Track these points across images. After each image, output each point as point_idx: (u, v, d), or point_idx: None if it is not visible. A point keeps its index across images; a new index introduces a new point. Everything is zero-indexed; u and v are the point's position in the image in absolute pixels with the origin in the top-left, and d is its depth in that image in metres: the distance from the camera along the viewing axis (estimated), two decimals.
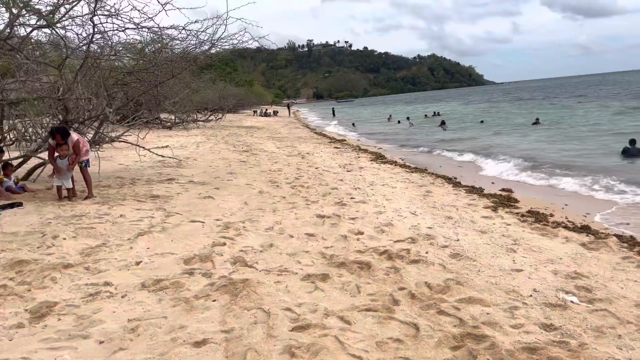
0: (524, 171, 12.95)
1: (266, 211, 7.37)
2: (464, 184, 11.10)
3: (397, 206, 8.17)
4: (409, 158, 17.35)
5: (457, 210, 8.11)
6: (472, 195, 9.75)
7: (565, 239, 6.45)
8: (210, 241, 5.62)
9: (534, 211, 8.19)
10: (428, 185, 10.84)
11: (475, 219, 7.44)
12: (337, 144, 21.63)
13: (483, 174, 13.31)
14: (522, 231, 6.79)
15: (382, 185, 10.36)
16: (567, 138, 20.12)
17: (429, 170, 13.61)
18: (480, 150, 17.85)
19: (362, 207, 7.96)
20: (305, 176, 11.17)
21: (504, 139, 21.47)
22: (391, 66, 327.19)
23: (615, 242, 6.32)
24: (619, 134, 19.36)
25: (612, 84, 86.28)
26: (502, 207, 8.59)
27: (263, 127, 34.06)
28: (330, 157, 15.69)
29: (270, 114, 57.92)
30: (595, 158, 14.54)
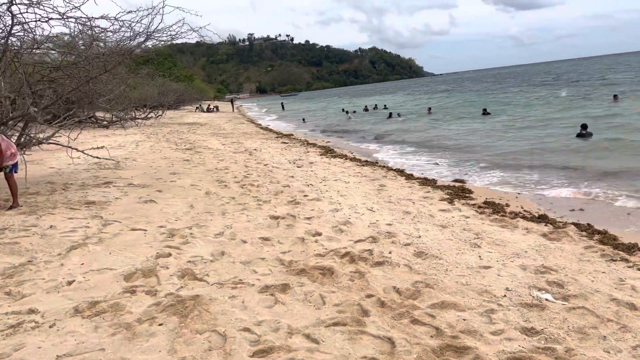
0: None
1: (215, 214, 6.85)
2: (417, 176, 10.94)
3: (353, 202, 7.84)
4: (357, 150, 17.13)
5: (413, 204, 7.87)
6: (426, 187, 9.58)
7: (525, 230, 6.31)
8: (153, 252, 5.07)
9: (490, 202, 8.08)
10: (381, 178, 10.60)
11: (434, 213, 7.21)
12: (284, 139, 21.14)
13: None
14: (481, 224, 6.61)
15: (334, 181, 10.01)
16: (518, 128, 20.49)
17: (379, 163, 13.42)
18: (420, 142, 17.92)
19: (317, 205, 7.57)
20: (254, 174, 10.66)
21: (449, 129, 21.69)
22: (333, 59, 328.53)
23: (575, 231, 6.24)
24: (572, 126, 19.94)
25: (552, 73, 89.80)
26: (457, 198, 8.44)
27: (206, 123, 33.03)
28: (279, 153, 15.21)
29: (212, 110, 56.57)
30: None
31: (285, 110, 58.60)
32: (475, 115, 26.64)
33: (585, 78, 55.02)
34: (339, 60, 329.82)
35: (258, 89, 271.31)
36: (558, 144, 14.41)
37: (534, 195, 8.97)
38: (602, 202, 8.14)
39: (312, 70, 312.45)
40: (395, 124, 27.04)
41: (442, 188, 9.50)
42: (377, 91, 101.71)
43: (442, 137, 19.34)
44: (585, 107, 24.14)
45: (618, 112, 21.04)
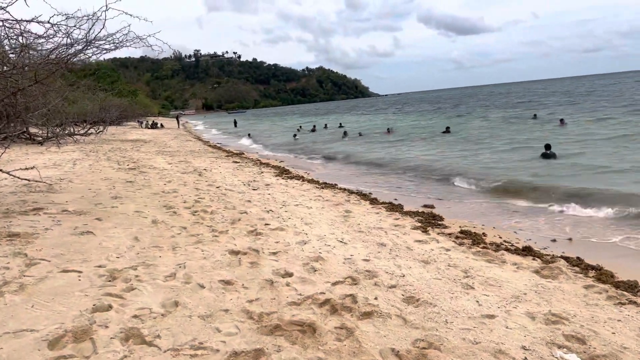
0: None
1: (164, 249, 5.89)
2: (382, 201, 10.32)
3: (320, 232, 7.07)
4: (313, 171, 16.43)
5: (386, 233, 7.20)
6: (394, 213, 8.96)
7: (515, 265, 5.74)
8: (89, 303, 4.09)
9: (466, 231, 7.52)
10: (344, 203, 9.91)
11: (411, 245, 6.55)
12: (235, 158, 20.18)
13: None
14: (465, 258, 6.00)
15: (296, 206, 9.22)
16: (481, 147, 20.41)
17: (338, 185, 12.75)
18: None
19: (282, 235, 6.75)
20: (206, 198, 9.70)
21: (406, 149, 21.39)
22: (281, 78, 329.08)
23: (566, 266, 5.74)
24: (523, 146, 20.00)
25: (495, 96, 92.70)
26: (431, 227, 7.85)
27: (151, 140, 31.48)
28: (231, 174, 14.27)
29: (157, 126, 54.60)
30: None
31: (235, 128, 57.35)
32: (436, 134, 26.61)
33: (535, 100, 56.99)
34: (286, 79, 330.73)
35: (204, 106, 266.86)
36: (525, 164, 14.24)
37: (509, 221, 8.52)
38: (580, 228, 7.76)
39: (259, 88, 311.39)
40: (352, 143, 26.59)
41: (411, 214, 8.91)
42: (329, 110, 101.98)
43: (405, 157, 18.95)
44: (535, 131, 24.52)
45: (563, 134, 21.48)
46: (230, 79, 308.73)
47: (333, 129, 38.87)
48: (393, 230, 7.48)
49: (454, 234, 7.38)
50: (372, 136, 30.28)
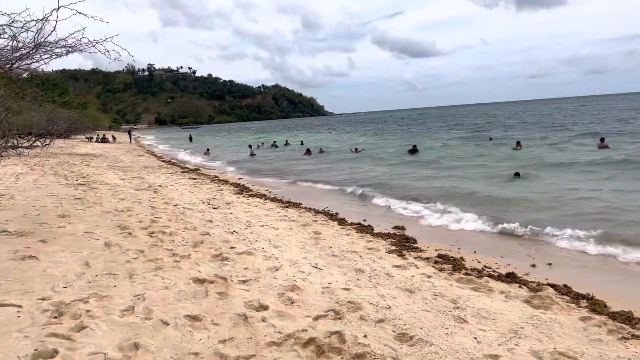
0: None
1: (119, 277, 5.22)
2: (350, 221, 9.89)
3: (292, 256, 6.55)
4: (274, 189, 15.88)
5: (361, 258, 6.75)
6: (365, 235, 8.54)
7: (502, 294, 5.40)
8: (29, 347, 3.42)
9: (444, 256, 7.17)
10: (312, 223, 9.42)
11: (390, 271, 6.13)
12: (192, 174, 19.36)
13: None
14: (450, 286, 5.62)
15: (261, 227, 8.66)
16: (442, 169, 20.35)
17: (303, 204, 12.25)
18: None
19: (250, 260, 6.19)
20: (163, 217, 9.00)
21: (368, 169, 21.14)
22: (236, 94, 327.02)
23: (555, 294, 5.44)
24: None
25: (447, 117, 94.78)
26: (406, 250, 7.46)
27: (101, 154, 30.09)
28: (188, 191, 13.53)
29: (108, 140, 52.61)
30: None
31: (191, 143, 55.96)
32: (402, 153, 26.54)
33: (495, 122, 58.48)
34: (242, 95, 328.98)
35: (157, 121, 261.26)
36: (495, 186, 14.16)
37: (479, 245, 8.24)
38: (557, 250, 7.54)
39: (214, 104, 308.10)
40: (314, 160, 26.20)
41: (382, 236, 8.51)
42: (286, 127, 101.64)
43: (369, 175, 18.64)
44: (497, 151, 24.85)
45: (520, 156, 21.86)
46: (185, 94, 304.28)
47: (295, 146, 38.43)
48: (368, 254, 7.04)
49: (432, 258, 7.01)
50: (336, 153, 30.00)
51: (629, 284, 6.23)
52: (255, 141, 46.21)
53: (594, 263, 7.08)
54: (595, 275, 6.55)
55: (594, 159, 18.88)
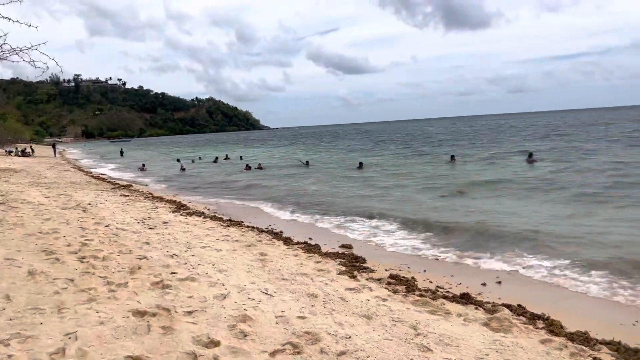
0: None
1: (46, 312, 4.62)
2: (296, 240, 9.58)
3: (239, 281, 6.14)
4: (212, 206, 15.30)
5: (312, 280, 6.45)
6: (313, 255, 8.26)
7: (460, 317, 5.27)
8: None
9: (396, 276, 7.00)
10: (256, 244, 9.03)
11: (343, 294, 5.86)
12: (123, 191, 18.35)
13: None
14: (407, 310, 5.43)
15: (203, 248, 8.17)
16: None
17: (245, 222, 11.81)
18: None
19: (194, 287, 5.73)
20: (95, 239, 8.30)
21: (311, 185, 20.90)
22: (169, 107, 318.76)
23: (512, 315, 5.37)
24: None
25: (377, 132, 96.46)
26: (357, 271, 7.25)
27: (22, 169, 28.07)
28: (120, 209, 12.72)
29: (29, 154, 49.51)
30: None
31: (122, 157, 53.57)
32: (352, 169, 26.44)
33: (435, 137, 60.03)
34: (174, 108, 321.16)
35: (84, 133, 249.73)
36: (437, 201, 14.28)
37: (433, 262, 8.17)
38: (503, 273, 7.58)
39: (145, 117, 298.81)
40: (255, 176, 25.65)
41: (331, 256, 8.26)
42: (221, 141, 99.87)
43: (314, 191, 18.38)
44: (430, 166, 25.38)
45: (453, 169, 22.48)
46: (114, 106, 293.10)
47: (235, 161, 37.62)
48: (318, 276, 6.75)
49: (384, 279, 6.82)
50: (277, 169, 29.57)
51: (578, 300, 6.30)
52: (190, 155, 45.00)
53: (539, 282, 7.15)
54: (543, 293, 6.59)
55: (524, 175, 19.64)
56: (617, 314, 5.78)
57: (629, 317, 5.66)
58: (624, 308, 6.01)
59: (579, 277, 7.04)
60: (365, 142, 60.10)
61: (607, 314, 5.82)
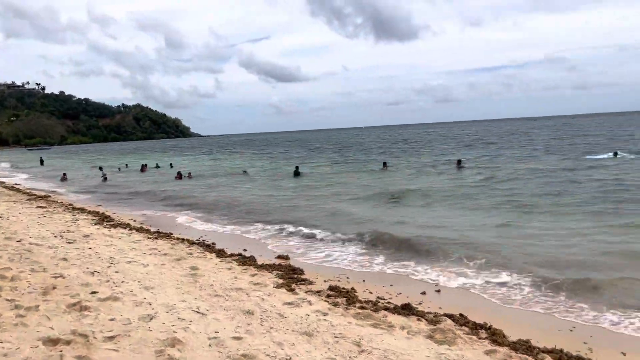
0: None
1: None
2: (230, 252, 9.12)
3: (167, 300, 5.66)
4: (139, 217, 14.47)
5: (248, 296, 6.07)
6: (249, 267, 7.86)
7: (404, 330, 5.08)
8: None
9: (335, 287, 6.75)
10: (187, 257, 8.50)
11: (282, 310, 5.53)
12: (40, 202, 17.03)
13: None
14: (348, 324, 5.17)
15: (128, 264, 7.56)
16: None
17: (174, 234, 11.19)
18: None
19: (117, 308, 5.19)
20: (4, 257, 7.47)
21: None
22: (93, 113, 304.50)
23: (454, 326, 5.25)
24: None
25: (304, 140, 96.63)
26: (295, 283, 6.93)
27: None
28: (36, 222, 11.71)
29: None
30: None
31: (41, 167, 50.16)
32: (289, 177, 25.94)
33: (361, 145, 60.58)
34: (99, 115, 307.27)
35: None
36: (374, 209, 14.19)
37: (372, 271, 8.00)
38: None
39: (67, 123, 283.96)
40: (186, 185, 24.66)
41: (267, 268, 7.90)
42: (148, 149, 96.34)
43: (250, 199, 17.81)
44: (365, 174, 25.49)
45: (386, 177, 22.78)
46: (32, 111, 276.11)
47: (164, 169, 36.15)
48: (255, 290, 6.38)
49: (324, 291, 6.55)
50: (212, 177, 28.60)
51: (515, 308, 6.31)
52: (115, 164, 42.97)
53: (477, 290, 7.13)
54: (481, 301, 6.57)
55: (455, 182, 20.13)
56: (554, 321, 5.82)
57: (565, 324, 5.71)
58: (558, 314, 6.07)
59: (513, 285, 7.09)
60: (299, 150, 60.01)
61: (544, 321, 5.85)
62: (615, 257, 8.12)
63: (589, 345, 4.96)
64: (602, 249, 8.67)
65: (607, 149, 30.54)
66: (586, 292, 6.57)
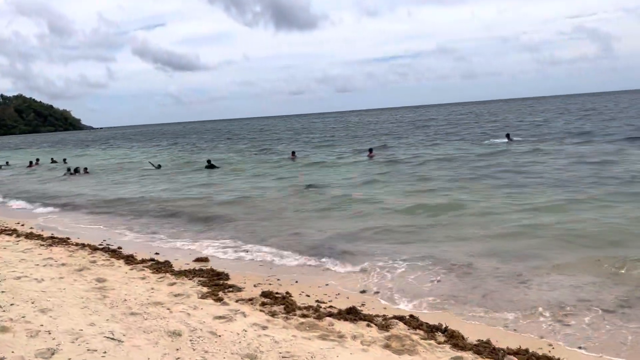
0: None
1: None
2: (140, 258, 8.10)
3: (72, 324, 4.68)
4: (30, 220, 12.75)
5: (170, 312, 5.24)
6: (165, 275, 6.97)
7: (356, 339, 4.56)
8: None
9: (269, 293, 6.08)
10: (90, 266, 7.41)
11: (213, 327, 4.77)
12: None
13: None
14: (292, 338, 4.55)
15: (17, 279, 6.36)
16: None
17: (72, 238, 9.86)
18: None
19: (6, 342, 4.15)
20: None
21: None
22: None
23: (409, 330, 4.82)
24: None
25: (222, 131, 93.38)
26: (222, 291, 6.18)
27: None
28: None
29: None
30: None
31: None
32: (200, 169, 24.37)
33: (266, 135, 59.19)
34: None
35: None
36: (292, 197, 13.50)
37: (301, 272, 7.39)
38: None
39: None
40: (77, 182, 22.38)
41: (187, 274, 7.04)
42: (34, 143, 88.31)
43: (158, 195, 16.34)
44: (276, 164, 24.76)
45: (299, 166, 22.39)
46: None
47: (56, 165, 32.79)
48: (177, 304, 5.54)
49: (257, 299, 5.85)
50: (110, 173, 26.24)
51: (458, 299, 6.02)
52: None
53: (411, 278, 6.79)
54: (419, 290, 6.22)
55: (374, 169, 20.03)
56: (500, 313, 5.58)
57: (510, 316, 5.49)
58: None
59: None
60: (204, 141, 57.45)
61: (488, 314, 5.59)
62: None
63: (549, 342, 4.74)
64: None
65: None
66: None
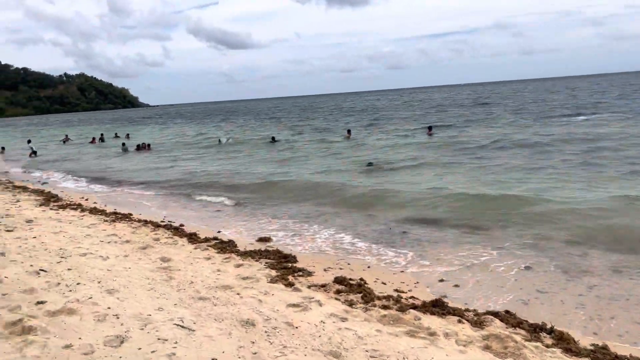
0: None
1: None
2: (203, 236, 7.83)
3: (139, 307, 4.38)
4: (90, 194, 12.87)
5: (241, 297, 4.87)
6: (230, 255, 6.64)
7: (450, 338, 4.02)
8: None
9: (342, 279, 5.62)
10: (154, 244, 7.19)
11: (288, 316, 4.36)
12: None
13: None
14: (377, 333, 4.08)
15: (83, 256, 6.18)
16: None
17: (134, 215, 9.75)
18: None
19: (72, 325, 3.88)
20: None
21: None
22: (33, 84, 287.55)
23: (507, 328, 4.25)
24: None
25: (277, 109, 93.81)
26: (292, 275, 5.78)
27: None
28: None
29: None
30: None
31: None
32: (264, 144, 24.67)
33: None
34: (40, 85, 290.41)
35: None
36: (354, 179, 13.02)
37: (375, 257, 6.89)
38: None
39: (5, 95, 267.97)
40: (145, 158, 22.70)
41: (253, 255, 6.72)
42: (97, 120, 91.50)
43: (216, 171, 16.28)
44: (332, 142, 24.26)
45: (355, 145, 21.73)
46: None
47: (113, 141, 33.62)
48: (246, 288, 5.17)
49: (330, 285, 5.41)
50: (175, 150, 26.41)
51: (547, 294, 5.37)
52: (61, 136, 40.07)
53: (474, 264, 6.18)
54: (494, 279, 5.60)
55: (433, 144, 19.24)
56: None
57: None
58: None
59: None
60: (260, 119, 57.44)
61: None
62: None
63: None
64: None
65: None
66: None
